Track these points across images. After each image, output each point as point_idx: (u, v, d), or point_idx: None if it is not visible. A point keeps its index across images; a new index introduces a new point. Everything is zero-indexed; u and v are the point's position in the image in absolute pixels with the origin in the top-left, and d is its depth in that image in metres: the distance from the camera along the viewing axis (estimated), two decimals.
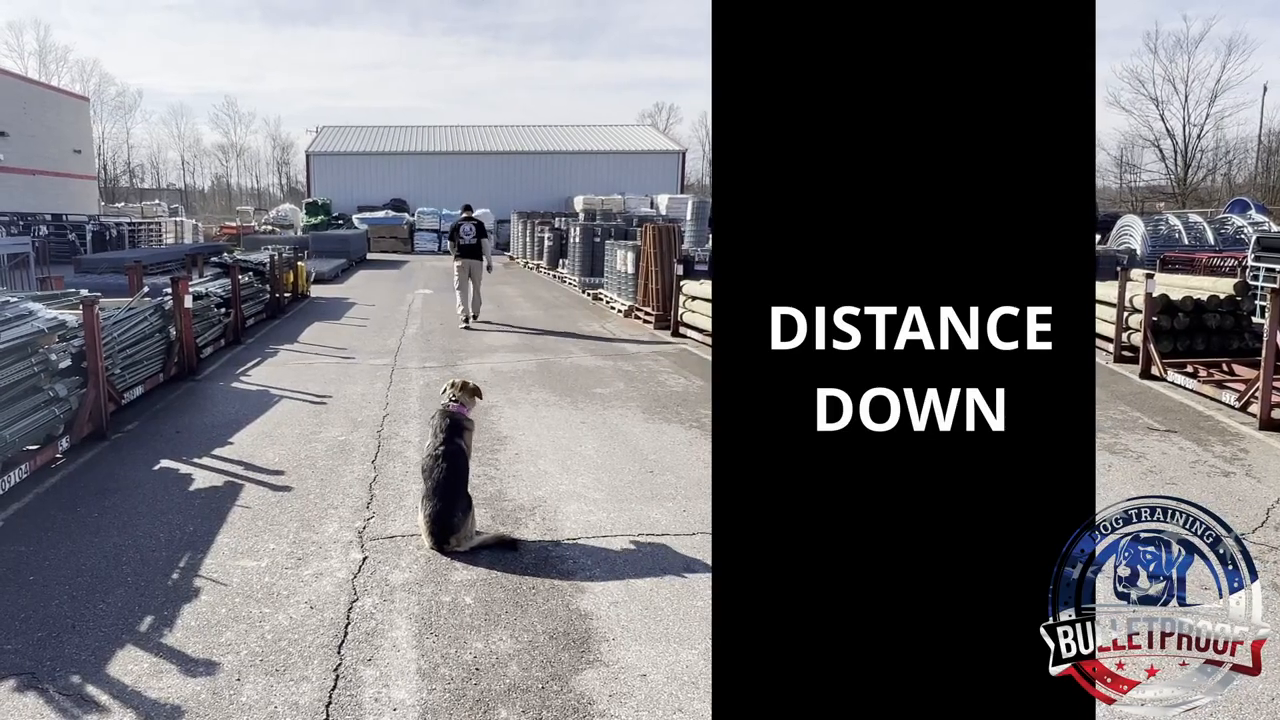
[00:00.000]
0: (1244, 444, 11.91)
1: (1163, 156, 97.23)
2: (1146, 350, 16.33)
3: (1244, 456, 11.36)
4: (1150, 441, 12.05)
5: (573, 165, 76.70)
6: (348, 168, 75.55)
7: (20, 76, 66.32)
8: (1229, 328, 17.15)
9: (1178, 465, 11.02)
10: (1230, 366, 15.98)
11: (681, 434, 12.33)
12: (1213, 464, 11.06)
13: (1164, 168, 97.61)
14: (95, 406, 11.52)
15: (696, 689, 5.87)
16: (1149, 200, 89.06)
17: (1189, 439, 12.15)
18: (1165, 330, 16.79)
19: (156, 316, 14.99)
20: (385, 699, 5.76)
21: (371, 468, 10.65)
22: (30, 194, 54.47)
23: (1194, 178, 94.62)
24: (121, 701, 5.69)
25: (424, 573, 7.68)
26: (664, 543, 8.42)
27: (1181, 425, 12.88)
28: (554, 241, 39.40)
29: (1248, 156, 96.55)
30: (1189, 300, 17.05)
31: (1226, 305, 17.17)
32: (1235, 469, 10.87)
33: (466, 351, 19.36)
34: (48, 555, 8.02)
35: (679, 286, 21.94)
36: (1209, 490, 10.05)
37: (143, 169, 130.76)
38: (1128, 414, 13.57)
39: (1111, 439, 12.06)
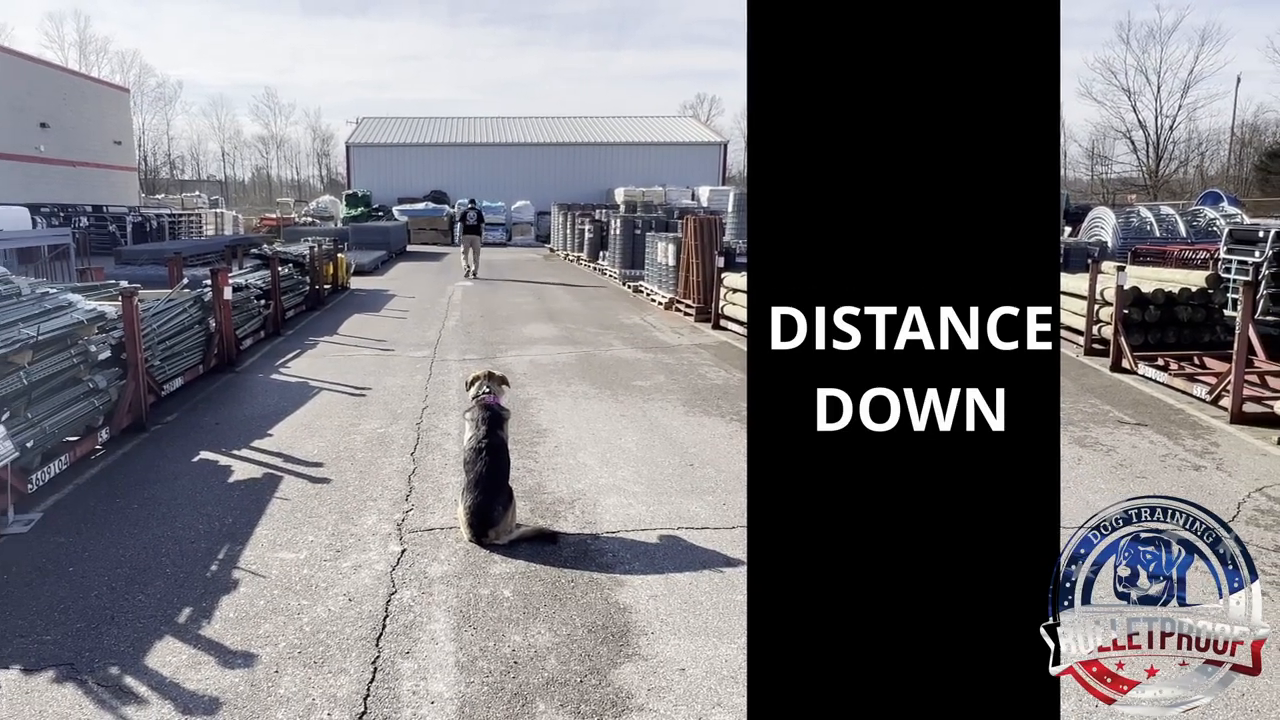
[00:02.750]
0: (1215, 437, 11.94)
1: (1134, 148, 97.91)
2: (1117, 343, 16.36)
3: (1215, 450, 11.38)
4: (1121, 435, 12.07)
5: (613, 157, 76.70)
6: (388, 159, 75.77)
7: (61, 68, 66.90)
8: (1200, 321, 17.24)
9: (1148, 459, 11.03)
10: (1202, 360, 15.98)
11: (722, 427, 12.35)
12: (1183, 457, 11.08)
13: (1136, 159, 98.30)
14: (135, 398, 11.63)
15: (735, 683, 5.87)
16: (1120, 192, 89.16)
17: (1160, 432, 12.17)
18: (1136, 323, 16.87)
19: (196, 308, 15.11)
20: (423, 692, 5.80)
21: (411, 460, 10.70)
22: (71, 185, 54.94)
23: (1166, 170, 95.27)
24: (160, 693, 5.75)
25: (463, 565, 7.72)
26: (704, 536, 8.44)
27: (1152, 419, 12.91)
28: (594, 233, 39.47)
29: (1220, 148, 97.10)
30: (1160, 293, 17.10)
31: (1198, 298, 17.25)
32: (1206, 462, 10.89)
33: (506, 344, 19.43)
34: (87, 546, 8.10)
35: (720, 279, 21.96)
36: (1180, 484, 10.07)
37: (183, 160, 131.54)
38: (1098, 407, 13.61)
39: (1082, 432, 12.10)
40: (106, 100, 64.84)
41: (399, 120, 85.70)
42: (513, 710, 5.59)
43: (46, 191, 50.42)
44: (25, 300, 10.66)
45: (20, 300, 10.62)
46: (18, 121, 49.79)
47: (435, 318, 23.71)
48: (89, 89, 62.91)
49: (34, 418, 9.37)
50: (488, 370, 9.26)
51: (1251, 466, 10.75)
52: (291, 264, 24.61)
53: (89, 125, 59.38)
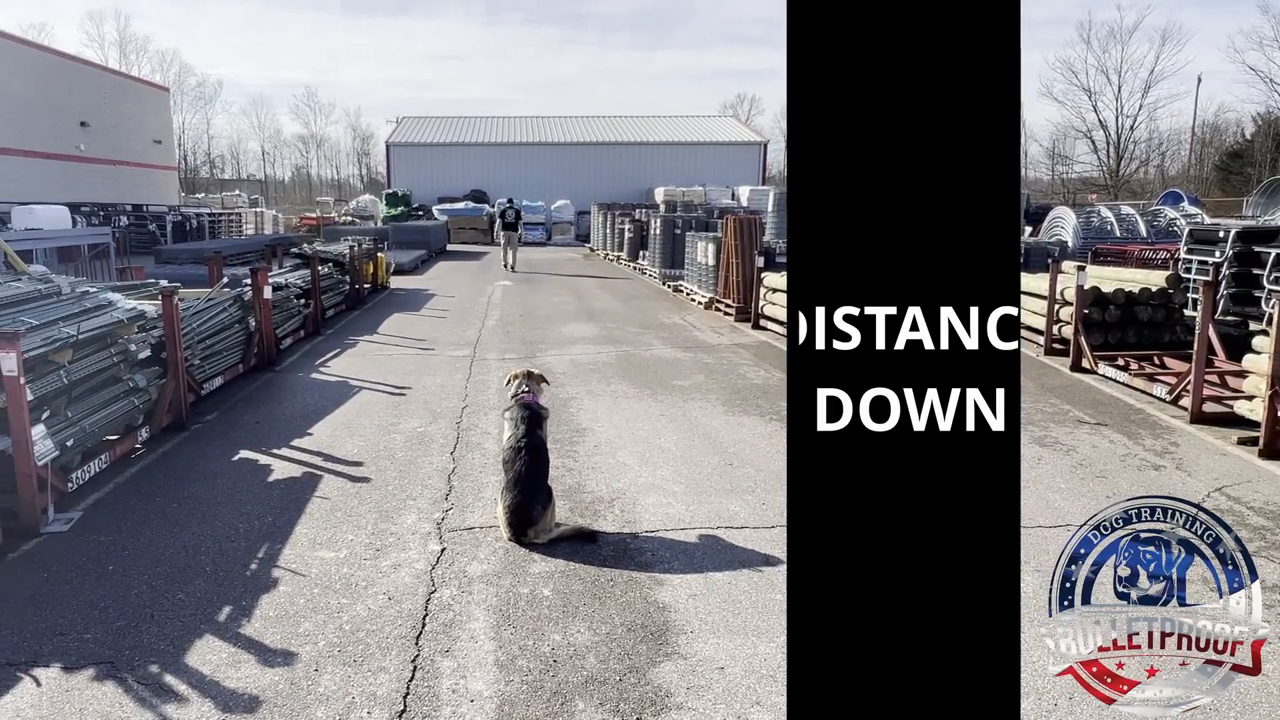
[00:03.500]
0: (1175, 437, 11.93)
1: (1095, 148, 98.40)
2: (1077, 343, 16.35)
3: (1175, 450, 11.37)
4: (1081, 434, 12.05)
5: (653, 156, 76.71)
6: (428, 158, 75.98)
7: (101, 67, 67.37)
8: (1161, 320, 17.21)
9: (1108, 458, 11.00)
10: (1162, 359, 16.02)
11: (761, 426, 12.35)
12: (1143, 457, 11.07)
13: (1097, 159, 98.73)
14: (174, 397, 11.72)
15: (774, 682, 5.89)
16: (1081, 192, 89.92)
17: (1120, 432, 12.16)
18: (1096, 323, 16.84)
19: (236, 307, 15.21)
20: (463, 690, 5.83)
21: (450, 459, 10.74)
22: (111, 184, 55.36)
23: (1127, 169, 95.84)
24: (199, 691, 5.80)
25: (502, 564, 7.75)
26: (743, 536, 8.45)
27: (1112, 418, 12.90)
28: (634, 233, 39.64)
29: (1181, 148, 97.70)
30: (1120, 293, 17.06)
31: (1158, 298, 17.20)
32: (1166, 462, 10.88)
33: (546, 343, 19.47)
34: (127, 545, 8.18)
35: (760, 278, 21.98)
36: (1139, 484, 10.07)
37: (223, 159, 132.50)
38: (1058, 407, 13.58)
39: (1042, 432, 12.08)
40: (146, 99, 65.24)
41: (439, 120, 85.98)
42: (552, 708, 5.61)
43: (86, 191, 50.85)
44: (65, 299, 10.77)
45: (60, 299, 10.73)
46: (58, 121, 50.18)
47: (475, 317, 23.80)
48: (129, 88, 63.31)
49: (74, 416, 9.46)
50: (527, 369, 9.31)
51: (1211, 466, 10.75)
52: (331, 263, 24.71)
53: (129, 124, 59.78)
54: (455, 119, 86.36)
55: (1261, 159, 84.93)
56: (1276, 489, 9.94)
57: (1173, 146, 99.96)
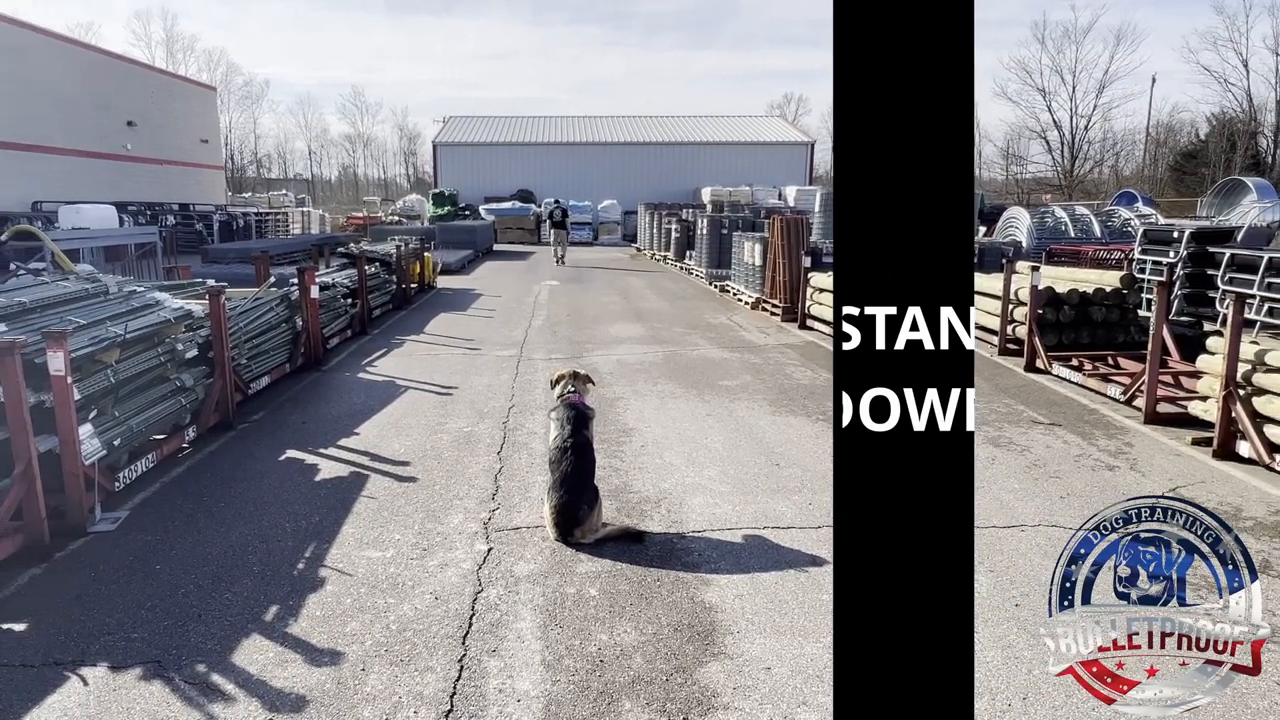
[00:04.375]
0: (1129, 437, 11.91)
1: (1049, 148, 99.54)
2: (1031, 343, 16.34)
3: (1129, 450, 11.35)
4: (1035, 435, 12.02)
5: (700, 156, 76.84)
6: (474, 158, 76.25)
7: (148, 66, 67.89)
8: (1115, 321, 17.18)
9: (1062, 459, 10.97)
10: (1116, 360, 16.03)
11: (808, 427, 12.35)
12: (1097, 458, 11.04)
13: (1051, 159, 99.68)
14: (221, 396, 11.83)
15: (821, 682, 5.90)
16: (1035, 192, 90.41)
17: (1074, 432, 12.14)
18: (1051, 323, 16.85)
19: (283, 307, 15.32)
20: (509, 690, 5.86)
21: (497, 459, 10.79)
22: (158, 184, 55.89)
23: (1081, 169, 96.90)
24: (246, 690, 5.86)
25: (549, 564, 7.78)
26: (789, 536, 8.46)
27: (1066, 419, 12.88)
28: (681, 233, 39.71)
29: (1135, 148, 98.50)
30: (1075, 293, 17.02)
31: (1113, 298, 17.17)
32: (1120, 463, 10.85)
33: (593, 343, 19.52)
34: (174, 544, 8.26)
35: (806, 278, 22.03)
36: (1093, 484, 10.04)
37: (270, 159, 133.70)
38: (1012, 407, 13.56)
39: (996, 432, 12.07)
40: (193, 99, 65.80)
41: (485, 119, 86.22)
42: (598, 708, 5.64)
43: (133, 190, 51.37)
44: (112, 298, 10.88)
45: (107, 298, 10.83)
46: (105, 120, 50.68)
47: (521, 317, 23.87)
48: (176, 87, 63.85)
49: (121, 416, 9.56)
50: (573, 369, 9.34)
51: (1165, 466, 10.73)
52: (378, 263, 24.86)
53: (176, 124, 60.31)
54: (501, 119, 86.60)
55: (1216, 159, 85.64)
56: (1230, 489, 9.98)
57: (1127, 147, 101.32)
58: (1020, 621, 6.83)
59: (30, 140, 42.84)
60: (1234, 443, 10.95)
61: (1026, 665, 6.18)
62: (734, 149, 77.76)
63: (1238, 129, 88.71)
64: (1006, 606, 7.08)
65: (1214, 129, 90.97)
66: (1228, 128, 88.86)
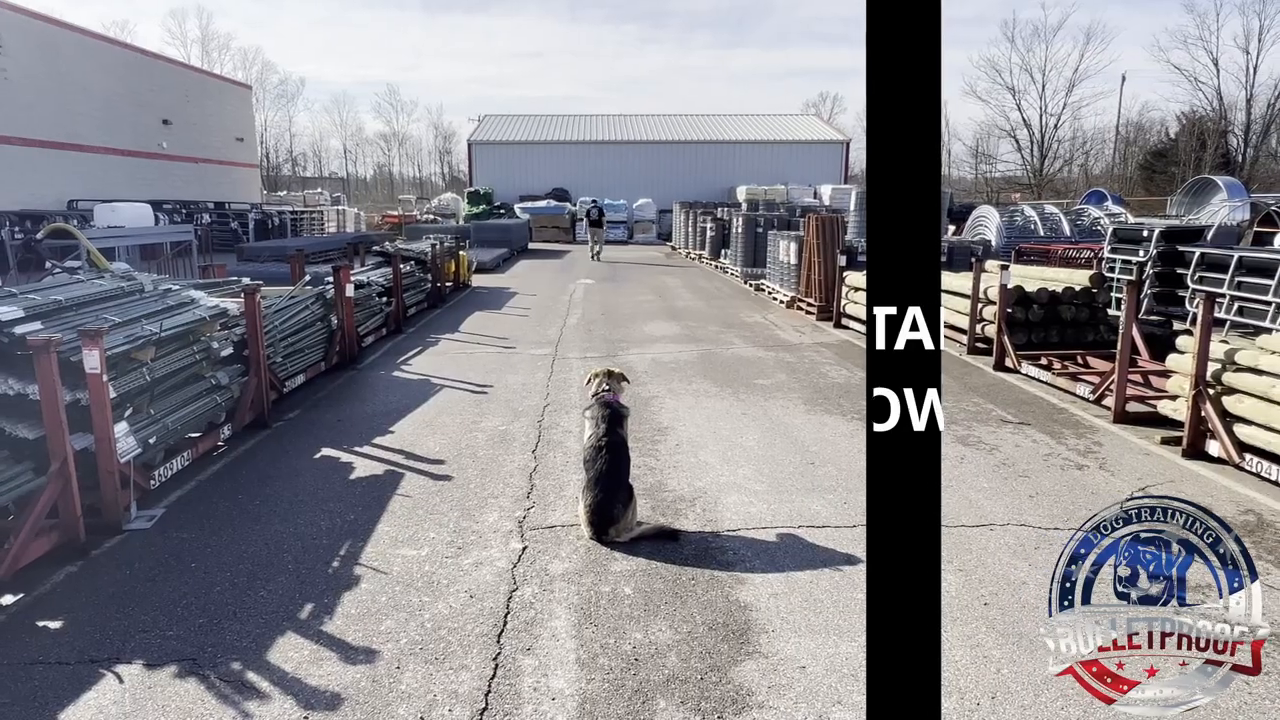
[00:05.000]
0: (1098, 437, 11.88)
1: (1019, 147, 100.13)
2: (1000, 342, 16.33)
3: (1098, 450, 11.31)
4: (1004, 434, 11.99)
5: (735, 155, 76.87)
6: (509, 156, 76.39)
7: (183, 64, 68.24)
8: (1084, 320, 17.15)
9: (1031, 458, 10.95)
10: (1085, 359, 16.06)
11: (843, 425, 12.35)
12: (1066, 456, 11.02)
13: (1020, 158, 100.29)
14: (257, 395, 11.90)
15: (856, 681, 5.91)
16: (1005, 191, 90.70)
17: (1043, 431, 12.11)
18: (1020, 322, 16.83)
19: (318, 305, 15.40)
20: (544, 688, 5.88)
21: (532, 457, 10.82)
22: (193, 182, 56.18)
23: (1050, 168, 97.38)
24: (281, 688, 5.90)
25: (584, 563, 7.80)
26: (824, 535, 8.47)
27: (1035, 418, 12.85)
28: (716, 231, 39.73)
29: (1105, 147, 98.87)
30: (1044, 292, 16.98)
31: (1082, 297, 17.13)
32: (1089, 462, 10.83)
33: (628, 341, 19.54)
34: (209, 542, 8.32)
35: (842, 277, 22.06)
36: (1062, 483, 10.02)
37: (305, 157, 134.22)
38: (981, 406, 13.55)
39: (965, 431, 12.06)
40: (229, 97, 66.05)
41: (520, 118, 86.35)
42: (633, 707, 5.65)
43: (169, 188, 51.67)
44: (148, 297, 10.95)
45: (143, 296, 10.90)
46: (141, 118, 50.94)
47: (556, 315, 23.92)
48: (211, 85, 64.08)
49: (156, 414, 9.64)
50: (608, 368, 9.36)
51: (1135, 466, 10.70)
52: (413, 261, 24.95)
53: (211, 122, 60.55)
54: (537, 117, 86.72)
55: (1185, 158, 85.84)
56: (1200, 488, 9.96)
57: (1096, 145, 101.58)
58: (989, 620, 6.84)
59: (66, 139, 43.11)
60: (1203, 442, 10.97)
61: (995, 664, 6.19)
62: (769, 147, 77.68)
63: (1208, 128, 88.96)
64: (975, 605, 7.09)
65: (1184, 128, 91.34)
66: (1198, 126, 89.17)
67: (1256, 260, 17.68)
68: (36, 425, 7.96)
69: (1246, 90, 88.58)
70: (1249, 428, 10.35)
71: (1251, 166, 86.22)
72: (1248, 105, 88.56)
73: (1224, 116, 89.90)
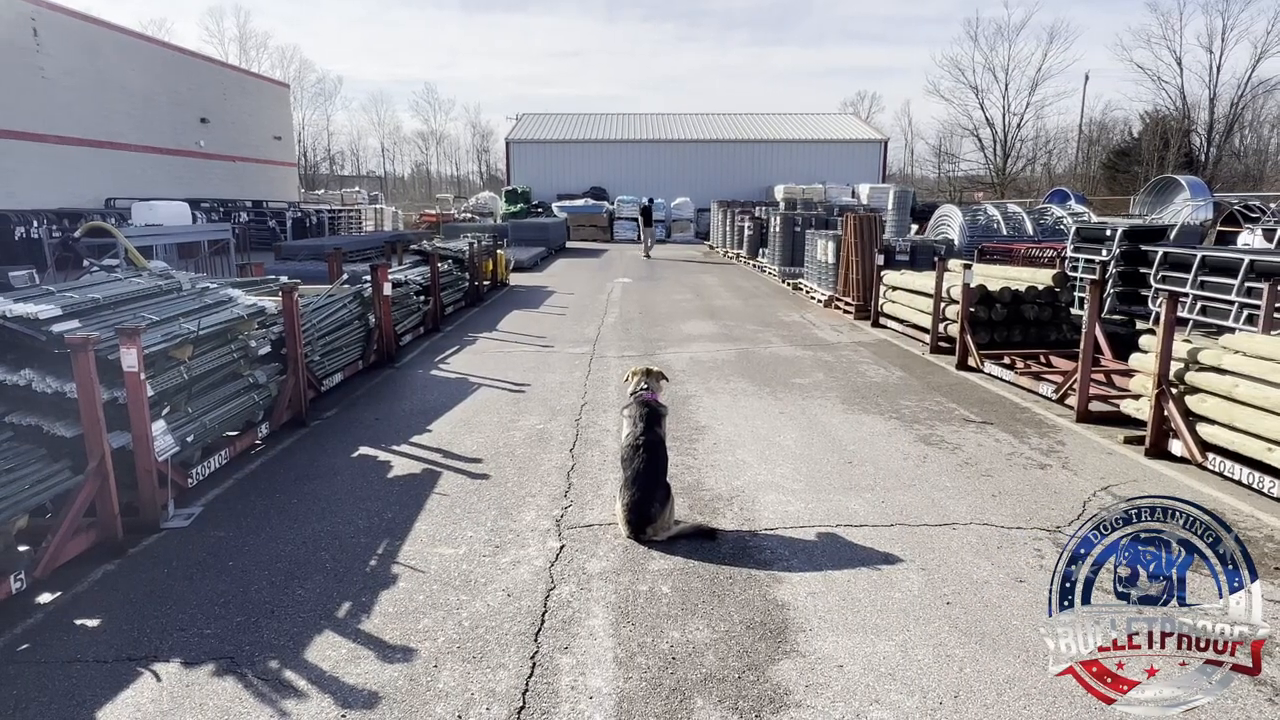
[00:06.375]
0: (1061, 436, 11.87)
1: (982, 146, 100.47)
2: (963, 341, 16.34)
3: (1061, 449, 11.30)
4: (967, 433, 11.98)
5: (773, 154, 76.94)
6: (547, 155, 76.60)
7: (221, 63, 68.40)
8: (1047, 319, 17.11)
9: (994, 457, 10.93)
10: (1048, 358, 16.12)
11: (881, 425, 12.36)
12: (1029, 455, 11.01)
13: (983, 157, 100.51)
14: (294, 393, 11.98)
15: (894, 680, 5.92)
16: (968, 190, 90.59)
17: (1006, 430, 12.11)
18: (983, 321, 16.79)
19: (356, 304, 15.48)
20: (582, 687, 5.89)
21: (569, 456, 10.85)
22: (231, 180, 56.42)
23: (1013, 167, 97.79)
24: (319, 687, 5.94)
25: (621, 561, 7.82)
26: (862, 534, 8.47)
27: (998, 417, 12.85)
28: (754, 230, 39.83)
29: (1068, 146, 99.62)
30: (1007, 291, 16.91)
31: (1045, 296, 17.08)
32: (1052, 461, 10.81)
33: (666, 340, 19.58)
34: (247, 541, 8.38)
35: (880, 276, 22.06)
36: (1025, 482, 9.99)
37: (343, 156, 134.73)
38: (944, 405, 13.52)
39: (927, 430, 12.04)
40: (266, 95, 66.29)
41: (558, 116, 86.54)
42: (671, 705, 5.66)
43: (206, 187, 51.93)
44: (185, 295, 11.03)
45: (180, 295, 10.99)
46: (178, 117, 51.19)
47: (594, 314, 23.98)
48: (249, 84, 64.32)
49: (194, 412, 9.71)
50: (645, 366, 9.38)
51: (1097, 465, 10.68)
52: (451, 260, 25.08)
53: (249, 120, 60.83)
54: (574, 116, 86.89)
55: (1149, 157, 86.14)
56: (1163, 487, 9.95)
57: (1060, 144, 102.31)
58: (952, 619, 6.83)
59: (104, 137, 43.35)
60: (1166, 441, 10.98)
61: (958, 663, 6.17)
62: (807, 146, 77.59)
63: (1171, 127, 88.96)
64: (938, 604, 7.07)
65: (1147, 127, 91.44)
66: (1161, 125, 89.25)
67: (1219, 259, 17.55)
68: (74, 423, 8.04)
69: (1210, 89, 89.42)
70: (1212, 427, 10.36)
71: (1215, 166, 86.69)
72: (1211, 104, 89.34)
73: (1187, 115, 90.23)
